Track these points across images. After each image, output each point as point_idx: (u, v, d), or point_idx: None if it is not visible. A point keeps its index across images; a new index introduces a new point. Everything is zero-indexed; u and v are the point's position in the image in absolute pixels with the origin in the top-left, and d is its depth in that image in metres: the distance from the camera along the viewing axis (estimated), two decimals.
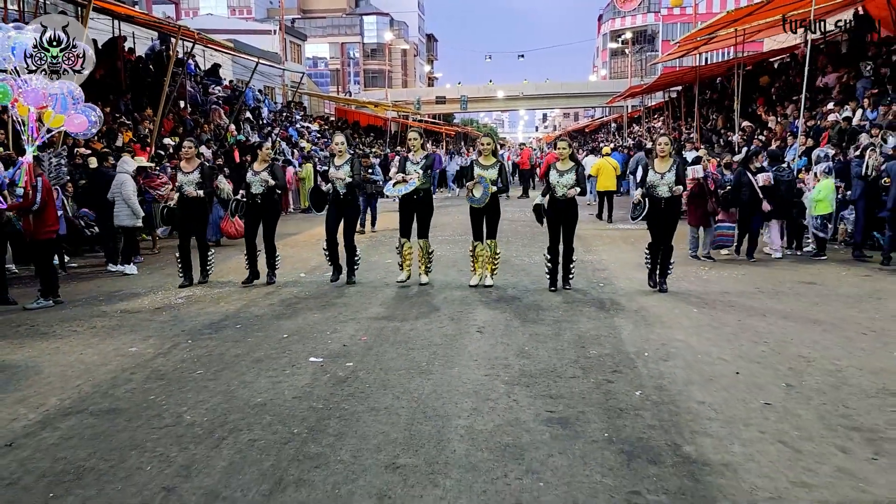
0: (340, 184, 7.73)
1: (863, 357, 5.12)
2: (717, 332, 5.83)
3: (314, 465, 3.40)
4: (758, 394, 4.37)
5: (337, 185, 7.76)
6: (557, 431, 3.80)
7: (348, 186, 7.74)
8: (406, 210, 7.83)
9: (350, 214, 8.03)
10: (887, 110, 13.47)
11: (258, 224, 8.24)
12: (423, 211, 7.86)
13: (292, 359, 5.20)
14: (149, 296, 7.77)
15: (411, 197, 7.70)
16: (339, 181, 7.73)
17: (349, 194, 7.83)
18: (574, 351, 5.32)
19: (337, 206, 7.89)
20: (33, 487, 3.25)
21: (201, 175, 8.15)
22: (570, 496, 3.09)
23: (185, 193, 8.08)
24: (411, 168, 7.70)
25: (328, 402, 4.27)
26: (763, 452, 3.53)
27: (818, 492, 3.13)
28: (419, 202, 7.79)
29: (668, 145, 7.46)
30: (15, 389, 4.67)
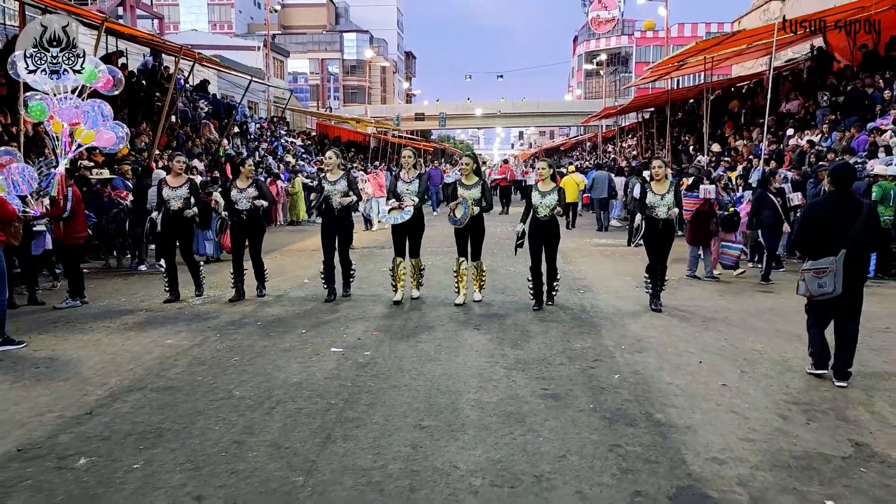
0: (336, 200, 7.86)
1: (805, 350, 5.98)
2: (684, 331, 6.67)
3: (354, 426, 4.14)
4: (717, 377, 5.19)
5: (332, 202, 7.87)
6: (551, 403, 4.58)
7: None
8: (399, 230, 7.83)
9: (345, 229, 8.18)
10: (842, 136, 14.58)
11: (244, 241, 8.24)
12: (415, 230, 7.87)
13: (315, 349, 5.93)
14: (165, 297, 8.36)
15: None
16: (334, 197, 7.85)
17: (343, 210, 7.96)
18: (560, 344, 6.12)
19: (332, 222, 7.99)
20: (124, 442, 3.94)
21: (190, 191, 8.12)
22: (563, 447, 3.87)
23: (171, 208, 8.03)
24: (403, 188, 7.75)
25: (355, 381, 5.01)
26: (718, 419, 4.34)
27: (759, 444, 3.94)
28: (411, 222, 7.75)
29: (661, 168, 7.51)
30: (74, 373, 5.33)
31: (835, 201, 5.11)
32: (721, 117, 23.36)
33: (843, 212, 5.00)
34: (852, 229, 4.90)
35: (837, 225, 4.97)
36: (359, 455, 3.74)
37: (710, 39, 17.62)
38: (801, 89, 20.16)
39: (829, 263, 4.91)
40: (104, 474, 3.53)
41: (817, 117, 17.21)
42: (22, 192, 7.54)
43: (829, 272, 4.91)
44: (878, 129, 13.47)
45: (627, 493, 3.34)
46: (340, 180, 7.94)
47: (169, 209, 8.06)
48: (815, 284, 4.99)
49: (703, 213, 9.59)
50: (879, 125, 13.71)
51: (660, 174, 7.48)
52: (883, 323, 7.00)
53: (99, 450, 3.84)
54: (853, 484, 3.46)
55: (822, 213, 5.10)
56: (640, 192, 7.68)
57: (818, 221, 5.07)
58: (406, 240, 7.91)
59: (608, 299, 8.27)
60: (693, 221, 9.53)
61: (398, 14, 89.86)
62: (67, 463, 3.67)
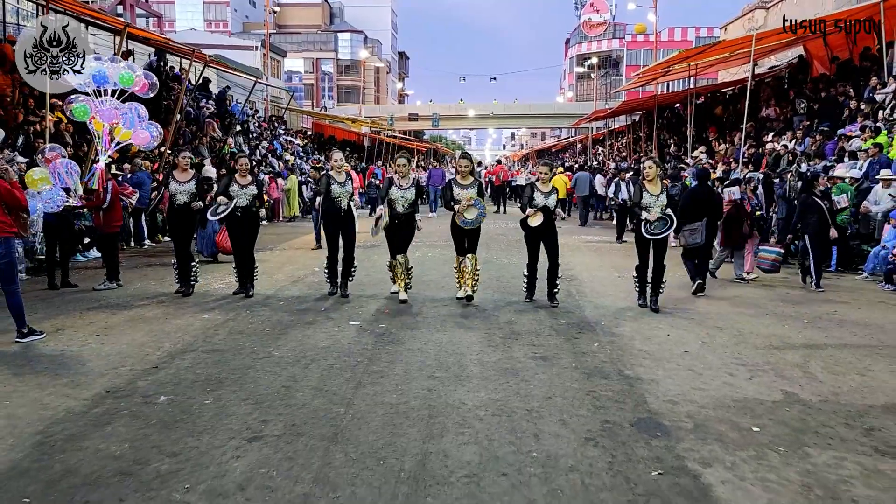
0: (344, 200, 8.11)
1: (761, 328, 6.94)
2: (659, 314, 7.60)
3: (379, 376, 5.06)
4: (681, 346, 6.13)
5: (340, 202, 8.10)
6: (540, 363, 5.50)
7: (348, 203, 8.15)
8: (392, 231, 7.95)
9: (351, 229, 8.27)
10: (814, 141, 15.59)
11: (240, 238, 8.32)
12: (406, 232, 7.98)
13: (336, 322, 6.84)
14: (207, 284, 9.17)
15: (393, 221, 7.87)
16: (344, 199, 8.09)
17: (349, 210, 8.21)
18: (549, 321, 7.04)
19: (337, 222, 8.20)
20: (192, 386, 4.84)
21: (197, 186, 8.38)
22: (549, 392, 4.79)
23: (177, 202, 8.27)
24: (398, 195, 7.82)
25: (375, 345, 5.93)
26: (677, 375, 5.27)
27: (707, 392, 4.87)
28: (403, 224, 7.93)
29: (653, 168, 7.54)
30: (131, 340, 6.20)
31: (700, 191, 8.82)
32: (706, 121, 24.38)
33: (704, 196, 8.70)
34: (709, 206, 8.53)
35: (702, 203, 8.55)
36: (385, 395, 4.66)
37: (694, 49, 18.65)
38: (779, 96, 21.19)
39: (698, 225, 8.34)
40: (183, 407, 4.42)
41: (794, 123, 18.24)
42: (66, 185, 8.38)
43: (698, 231, 8.34)
44: (846, 136, 14.48)
45: (599, 421, 4.26)
46: (347, 182, 8.26)
47: (175, 203, 8.30)
48: (690, 238, 8.42)
49: (733, 216, 9.58)
50: (847, 132, 14.72)
51: (650, 174, 7.54)
52: (832, 308, 7.97)
53: (174, 391, 4.73)
54: (777, 418, 4.39)
55: (696, 196, 8.77)
56: (636, 192, 7.63)
57: (694, 201, 8.64)
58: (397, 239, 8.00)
59: (593, 286, 9.20)
60: (724, 224, 9.51)
61: (392, 14, 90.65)
62: (151, 400, 4.56)
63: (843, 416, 4.45)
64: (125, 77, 8.46)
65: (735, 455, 3.79)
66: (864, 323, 7.20)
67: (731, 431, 4.14)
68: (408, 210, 7.84)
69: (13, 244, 6.32)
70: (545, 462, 3.65)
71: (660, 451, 3.83)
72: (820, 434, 4.13)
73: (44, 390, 4.75)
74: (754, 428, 4.21)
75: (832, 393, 4.90)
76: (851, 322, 7.24)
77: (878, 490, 3.43)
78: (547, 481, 3.44)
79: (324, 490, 3.30)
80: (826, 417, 4.42)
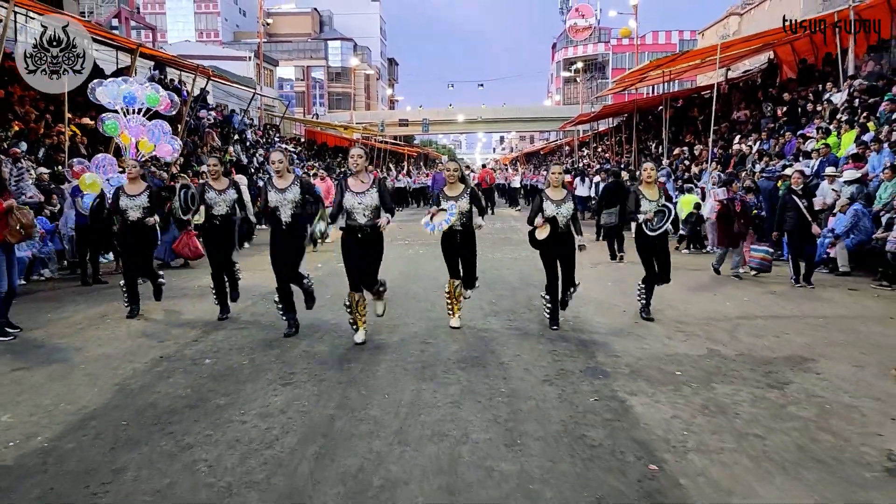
0: (285, 211, 6.40)
1: (700, 305, 8.11)
2: (618, 291, 8.76)
3: (384, 343, 6.21)
4: (632, 319, 7.29)
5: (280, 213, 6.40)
6: (514, 332, 6.66)
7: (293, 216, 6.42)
8: (351, 252, 6.09)
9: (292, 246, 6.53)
10: (776, 142, 16.84)
11: (218, 249, 7.35)
12: (373, 251, 6.15)
13: (341, 304, 7.95)
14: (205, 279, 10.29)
15: (355, 235, 6.05)
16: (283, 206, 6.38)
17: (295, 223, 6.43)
18: (525, 303, 8.19)
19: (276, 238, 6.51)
20: (229, 353, 5.96)
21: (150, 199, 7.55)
22: (518, 351, 5.94)
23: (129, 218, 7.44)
24: (353, 202, 6.01)
25: (378, 324, 7.05)
26: (625, 339, 6.43)
27: (646, 350, 6.03)
28: (367, 240, 6.07)
29: (654, 171, 7.17)
30: (174, 321, 7.33)
31: (616, 183, 12.53)
32: (684, 124, 25.64)
33: (615, 189, 12.00)
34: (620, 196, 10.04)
35: (614, 195, 11.57)
36: (387, 355, 5.82)
37: (666, 58, 19.91)
38: (749, 99, 22.46)
39: (614, 209, 11.08)
40: (226, 366, 5.55)
41: (761, 125, 19.49)
42: (107, 175, 9.38)
43: (613, 214, 11.27)
44: (804, 136, 15.73)
45: (556, 369, 5.42)
46: (291, 188, 6.41)
47: (127, 219, 7.46)
48: (609, 219, 11.59)
49: (724, 216, 9.92)
50: (805, 132, 15.97)
51: (651, 177, 7.15)
52: (771, 289, 9.17)
53: (216, 356, 5.86)
54: (697, 366, 5.56)
55: (609, 189, 12.48)
56: (632, 200, 7.21)
57: (608, 192, 12.31)
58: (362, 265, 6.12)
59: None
60: (718, 223, 10.02)
61: (381, 22, 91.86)
62: (199, 361, 5.69)
63: (750, 364, 5.62)
64: (151, 97, 9.58)
65: (656, 388, 4.95)
66: (794, 299, 8.40)
67: (658, 374, 5.31)
68: (370, 221, 6.03)
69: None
70: (510, 394, 4.81)
71: (599, 386, 4.99)
72: (727, 375, 5.30)
73: (109, 359, 5.86)
74: (677, 372, 5.38)
75: (747, 349, 6.08)
76: (784, 298, 8.44)
77: (760, 409, 4.58)
78: (510, 405, 4.59)
79: (345, 412, 4.45)
80: (736, 365, 5.59)
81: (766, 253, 9.94)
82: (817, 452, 3.85)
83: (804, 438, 4.05)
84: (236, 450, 3.87)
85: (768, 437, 4.07)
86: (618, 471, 3.61)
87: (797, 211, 9.26)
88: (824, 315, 7.57)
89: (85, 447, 3.96)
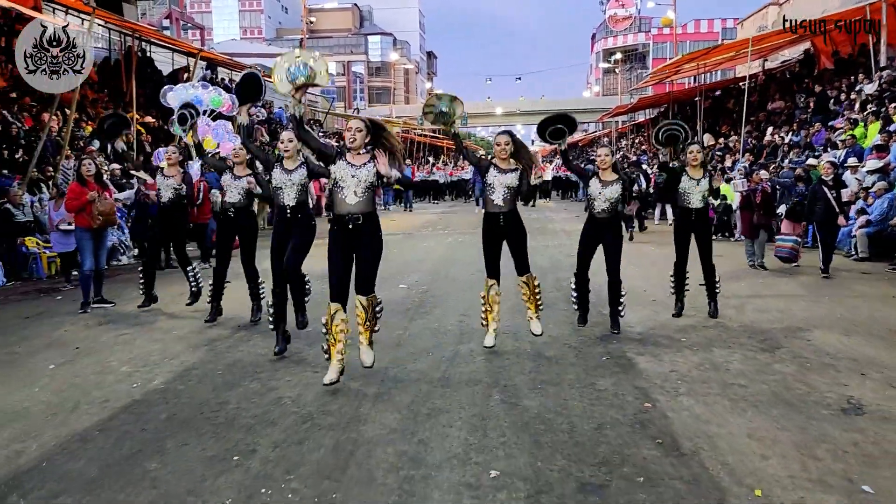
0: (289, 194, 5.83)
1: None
2: (640, 274, 9.52)
3: (425, 314, 7.16)
4: (651, 297, 8.07)
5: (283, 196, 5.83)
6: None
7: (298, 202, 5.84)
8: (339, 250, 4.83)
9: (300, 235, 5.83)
10: (807, 133, 17.26)
11: (231, 244, 7.03)
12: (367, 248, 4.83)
13: (389, 285, 8.86)
14: None
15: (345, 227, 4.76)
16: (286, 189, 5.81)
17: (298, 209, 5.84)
18: (553, 284, 9.00)
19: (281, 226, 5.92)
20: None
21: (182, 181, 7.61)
22: (545, 320, 6.79)
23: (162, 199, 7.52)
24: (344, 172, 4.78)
25: (421, 299, 8.02)
26: (640, 312, 7.22)
27: (659, 321, 6.84)
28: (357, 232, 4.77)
29: (700, 153, 6.88)
30: (235, 299, 8.37)
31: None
32: (720, 115, 25.99)
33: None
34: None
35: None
36: (430, 323, 6.77)
37: (699, 51, 20.43)
38: (784, 90, 22.75)
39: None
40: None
41: (794, 116, 19.86)
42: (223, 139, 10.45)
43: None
44: (834, 128, 16.15)
45: (575, 335, 6.28)
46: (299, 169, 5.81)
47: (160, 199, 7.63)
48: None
49: (747, 206, 10.26)
50: (835, 124, 16.38)
51: (698, 159, 6.87)
52: (788, 272, 9.82)
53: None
54: (701, 334, 6.34)
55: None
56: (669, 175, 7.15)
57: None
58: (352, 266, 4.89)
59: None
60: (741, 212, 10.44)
61: (420, 16, 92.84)
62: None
63: (749, 333, 6.39)
64: (215, 100, 10.65)
65: (661, 350, 5.78)
66: (805, 281, 9.07)
67: (664, 340, 6.14)
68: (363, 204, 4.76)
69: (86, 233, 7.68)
70: (535, 354, 5.71)
71: (612, 349, 5.85)
72: (726, 342, 6.09)
73: (195, 326, 6.91)
74: (682, 339, 6.19)
75: (750, 322, 6.84)
76: (796, 280, 9.12)
77: (747, 367, 5.37)
78: (534, 360, 5.50)
79: (396, 364, 5.42)
80: (737, 334, 6.37)
81: (795, 242, 10.04)
82: (788, 397, 4.64)
83: (780, 387, 4.84)
84: (311, 391, 4.84)
85: (750, 386, 4.87)
86: (618, 407, 4.47)
87: (826, 202, 9.32)
88: (830, 294, 8.25)
89: (192, 388, 4.98)
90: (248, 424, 4.24)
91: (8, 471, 3.70)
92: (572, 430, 4.09)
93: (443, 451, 3.81)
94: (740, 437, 3.97)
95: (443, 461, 3.70)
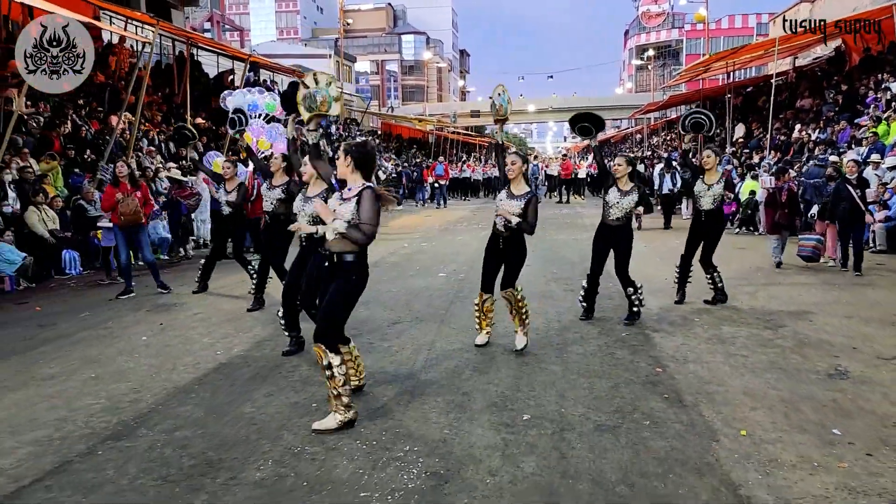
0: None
1: (732, 273, 9.45)
2: (663, 264, 10.18)
3: (465, 298, 7.93)
4: (669, 284, 8.74)
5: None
6: (568, 293, 8.24)
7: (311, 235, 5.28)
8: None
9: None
10: (833, 131, 17.63)
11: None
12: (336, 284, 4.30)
13: (429, 273, 9.76)
14: None
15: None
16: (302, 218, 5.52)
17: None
18: (581, 274, 9.71)
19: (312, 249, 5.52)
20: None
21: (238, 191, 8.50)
22: (572, 304, 7.52)
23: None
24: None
25: (460, 285, 8.79)
26: (659, 298, 7.91)
27: (676, 305, 7.52)
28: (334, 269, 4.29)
29: (710, 157, 7.39)
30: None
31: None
32: (750, 112, 26.28)
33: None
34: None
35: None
36: (466, 308, 7.53)
37: (726, 51, 20.83)
38: (814, 87, 23.02)
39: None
40: None
41: (822, 113, 20.17)
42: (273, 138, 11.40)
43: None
44: (859, 125, 16.51)
45: (599, 315, 7.00)
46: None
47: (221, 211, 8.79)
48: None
49: (771, 203, 10.52)
50: (860, 122, 16.73)
51: (709, 163, 7.35)
52: (806, 265, 10.41)
53: None
54: (713, 315, 7.03)
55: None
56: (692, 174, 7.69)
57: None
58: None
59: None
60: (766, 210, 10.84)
61: (453, 14, 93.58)
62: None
63: (757, 314, 7.06)
64: (270, 105, 11.56)
65: (675, 329, 6.50)
66: (821, 271, 9.65)
67: (679, 320, 6.85)
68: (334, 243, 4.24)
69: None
70: (561, 329, 6.48)
71: (632, 328, 6.57)
72: (735, 321, 6.78)
73: (239, 311, 7.80)
74: (695, 319, 6.89)
75: (761, 306, 7.50)
76: (812, 271, 9.70)
77: (751, 341, 6.05)
78: (561, 335, 6.26)
79: (442, 336, 6.22)
80: (746, 315, 7.05)
81: (818, 242, 10.09)
82: (783, 365, 5.34)
83: (777, 357, 5.53)
84: (369, 358, 5.66)
85: (750, 356, 5.57)
86: (632, 371, 5.22)
87: (850, 201, 9.36)
88: (842, 283, 8.84)
89: (268, 355, 5.86)
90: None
91: (132, 413, 4.59)
92: (592, 388, 4.86)
93: (483, 401, 4.62)
94: (735, 394, 4.69)
95: (483, 408, 4.50)
